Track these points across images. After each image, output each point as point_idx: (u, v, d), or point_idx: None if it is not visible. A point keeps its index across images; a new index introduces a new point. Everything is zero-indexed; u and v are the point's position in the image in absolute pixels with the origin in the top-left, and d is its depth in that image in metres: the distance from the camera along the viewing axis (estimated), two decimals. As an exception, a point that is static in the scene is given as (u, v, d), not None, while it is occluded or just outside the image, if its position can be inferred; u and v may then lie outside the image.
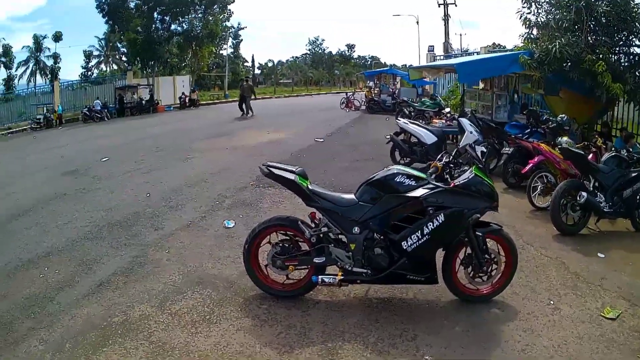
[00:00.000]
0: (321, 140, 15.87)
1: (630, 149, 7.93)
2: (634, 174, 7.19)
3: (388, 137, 11.44)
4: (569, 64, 10.13)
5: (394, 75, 32.16)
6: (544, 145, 8.30)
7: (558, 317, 4.59)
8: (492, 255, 4.73)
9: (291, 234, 4.84)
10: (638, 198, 7.19)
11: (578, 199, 6.82)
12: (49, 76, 53.33)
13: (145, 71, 36.64)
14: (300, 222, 4.74)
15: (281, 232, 4.88)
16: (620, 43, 10.64)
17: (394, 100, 26.22)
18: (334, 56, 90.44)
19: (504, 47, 18.99)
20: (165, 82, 35.41)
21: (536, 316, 4.61)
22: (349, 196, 4.69)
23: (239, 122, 22.41)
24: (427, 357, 3.93)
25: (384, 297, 4.93)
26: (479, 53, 19.95)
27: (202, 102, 36.65)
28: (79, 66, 60.48)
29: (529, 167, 8.21)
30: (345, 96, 29.85)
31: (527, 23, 11.28)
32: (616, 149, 8.02)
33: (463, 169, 4.83)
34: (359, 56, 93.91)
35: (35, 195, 9.28)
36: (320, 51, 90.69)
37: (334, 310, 4.68)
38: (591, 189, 7.09)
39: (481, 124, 10.63)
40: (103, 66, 59.91)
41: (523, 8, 11.22)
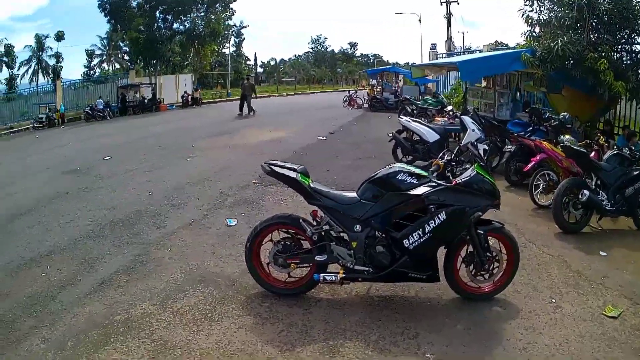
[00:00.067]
0: (324, 138, 15.84)
1: (633, 147, 7.92)
2: (636, 172, 7.17)
3: (390, 135, 11.44)
4: (571, 61, 10.13)
5: (397, 73, 32.00)
6: (546, 143, 8.29)
7: (560, 316, 4.59)
8: (494, 254, 4.74)
9: (293, 232, 4.84)
10: None
11: (580, 197, 6.81)
12: (51, 75, 53.28)
13: (147, 70, 36.65)
14: (302, 220, 4.75)
15: (283, 230, 4.88)
16: (623, 41, 10.64)
17: (397, 98, 26.12)
18: (336, 54, 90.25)
19: (506, 45, 18.93)
20: (168, 81, 35.36)
21: (538, 314, 4.61)
22: (351, 194, 4.69)
23: (241, 121, 22.37)
24: (429, 355, 3.93)
25: (386, 295, 4.93)
26: (482, 51, 19.95)
27: (205, 101, 36.65)
28: (81, 65, 60.52)
29: (531, 165, 8.19)
30: (348, 94, 29.72)
31: (530, 21, 11.29)
32: (618, 147, 7.99)
33: (465, 166, 4.82)
34: (361, 54, 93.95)
35: (37, 194, 9.28)
36: (323, 49, 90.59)
37: (335, 308, 4.68)
38: (593, 187, 7.08)
39: (483, 122, 10.62)
40: (105, 65, 59.99)
41: (525, 6, 11.27)
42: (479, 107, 13.96)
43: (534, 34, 11.40)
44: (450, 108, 15.43)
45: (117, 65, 57.23)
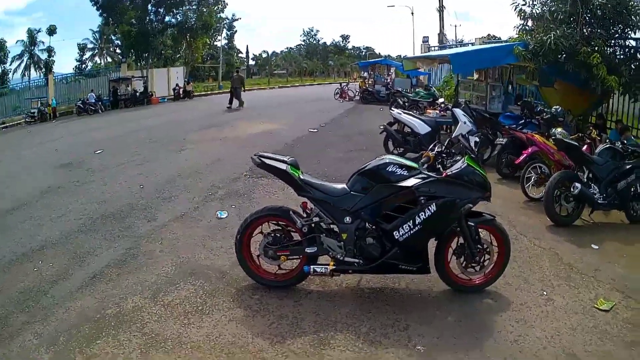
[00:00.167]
0: (315, 130, 15.85)
1: (625, 141, 7.93)
2: (628, 166, 7.20)
3: (381, 128, 11.44)
4: (564, 55, 10.11)
5: (388, 65, 32.05)
6: (537, 136, 8.29)
7: (551, 308, 4.60)
8: (485, 246, 4.73)
9: (283, 224, 4.83)
10: (632, 190, 7.20)
11: (572, 190, 6.81)
12: (43, 70, 52.94)
13: (139, 63, 36.42)
14: (291, 212, 4.73)
15: (273, 222, 4.87)
16: (616, 36, 10.63)
17: (388, 90, 26.15)
18: (328, 47, 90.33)
19: (499, 39, 18.92)
20: (160, 74, 35.14)
21: (529, 307, 4.62)
22: (341, 186, 4.68)
23: (232, 114, 22.30)
24: (419, 347, 3.93)
25: (376, 287, 4.93)
26: (474, 44, 19.92)
27: (196, 94, 36.46)
28: (73, 59, 60.11)
29: (522, 158, 8.19)
30: (339, 87, 29.66)
31: (522, 15, 11.27)
32: (611, 140, 8.01)
33: (455, 158, 4.81)
34: (353, 47, 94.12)
35: (29, 189, 9.22)
36: (315, 42, 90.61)
37: (326, 300, 4.68)
38: (585, 180, 7.09)
39: (475, 114, 10.63)
40: (97, 59, 59.64)
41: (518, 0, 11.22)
42: (470, 100, 13.97)
43: (527, 28, 11.39)
44: (441, 100, 15.45)
45: (109, 59, 56.84)
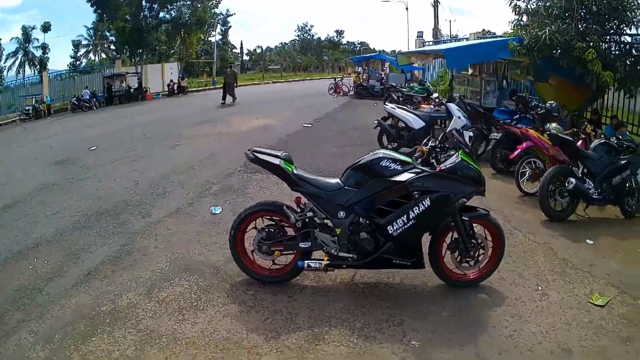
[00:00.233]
0: (309, 125, 15.89)
1: (620, 137, 7.93)
2: (623, 162, 7.19)
3: (376, 122, 11.44)
4: (559, 51, 10.12)
5: (383, 60, 32.01)
6: (532, 131, 8.30)
7: (546, 303, 4.60)
8: (479, 240, 4.72)
9: (277, 219, 4.82)
10: (627, 185, 7.22)
11: (566, 185, 6.82)
12: (37, 67, 52.70)
13: (133, 59, 36.28)
14: (285, 207, 4.71)
15: (267, 218, 4.86)
16: (611, 32, 10.62)
17: (382, 85, 26.15)
18: (322, 42, 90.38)
19: (494, 34, 18.93)
20: (154, 70, 35.08)
21: (524, 302, 4.62)
22: (334, 181, 4.66)
23: (226, 109, 22.27)
24: (414, 342, 3.93)
25: (371, 282, 4.93)
26: (469, 39, 19.89)
27: (191, 89, 36.42)
28: (67, 56, 59.92)
29: (517, 153, 8.21)
30: (334, 82, 29.67)
31: (517, 10, 11.28)
32: (606, 136, 8.01)
33: (449, 153, 4.79)
34: (347, 42, 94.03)
35: (24, 186, 9.18)
36: (309, 37, 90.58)
37: (320, 295, 4.67)
38: (580, 175, 7.09)
39: (469, 109, 10.59)
40: (92, 55, 59.40)
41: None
42: (465, 95, 13.98)
43: (522, 23, 11.40)
44: (436, 95, 15.49)
45: (104, 55, 56.72)
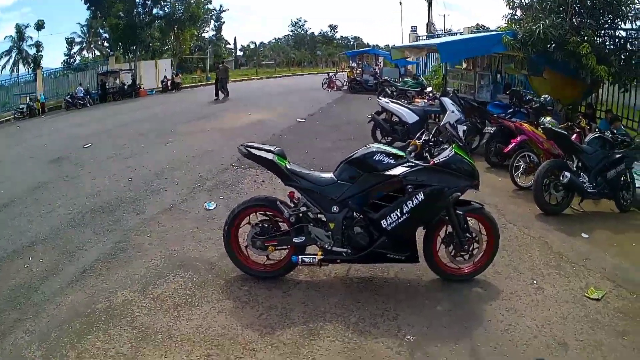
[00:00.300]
0: (303, 120, 15.89)
1: (615, 131, 7.93)
2: (618, 156, 7.17)
3: (369, 117, 11.43)
4: (553, 45, 10.11)
5: (376, 55, 31.98)
6: (526, 124, 8.29)
7: (541, 297, 4.60)
8: (474, 234, 4.72)
9: (270, 214, 4.80)
10: (622, 179, 7.21)
11: (561, 178, 6.80)
12: (31, 65, 52.42)
13: (127, 56, 36.16)
14: (279, 202, 4.70)
15: (260, 213, 4.84)
16: (606, 26, 10.61)
17: (376, 80, 26.16)
18: (316, 37, 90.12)
19: (487, 28, 18.93)
20: (148, 66, 34.96)
21: (519, 296, 4.61)
22: (328, 175, 4.65)
23: (220, 105, 22.21)
24: (409, 337, 3.92)
25: (365, 277, 4.92)
26: (462, 34, 19.89)
27: (185, 85, 36.22)
28: (61, 54, 59.66)
29: (511, 147, 8.20)
30: (327, 76, 29.63)
31: (511, 4, 11.28)
32: (600, 130, 8.02)
33: (443, 147, 4.78)
34: (341, 37, 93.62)
35: (19, 185, 9.15)
36: (303, 32, 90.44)
37: (314, 290, 4.67)
38: (574, 169, 7.08)
39: (463, 103, 10.56)
40: (85, 53, 58.97)
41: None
42: (459, 89, 14.02)
43: (516, 17, 11.39)
44: (429, 90, 15.51)
45: (97, 52, 56.38)
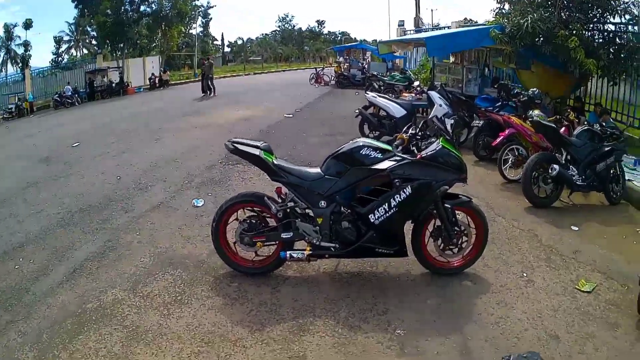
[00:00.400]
0: (290, 116, 15.92)
1: (604, 124, 7.95)
2: (607, 148, 7.17)
3: (357, 111, 11.44)
4: (541, 39, 10.12)
5: (364, 50, 32.12)
6: (515, 118, 8.29)
7: (532, 290, 4.61)
8: (462, 228, 4.72)
9: (258, 209, 4.79)
10: (612, 172, 7.22)
11: (550, 171, 6.81)
12: (20, 64, 52.13)
13: (115, 54, 35.96)
14: (266, 198, 4.67)
15: (248, 209, 4.82)
16: (595, 20, 10.63)
17: (364, 74, 26.26)
18: (303, 32, 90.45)
19: (475, 22, 18.92)
20: (135, 64, 34.66)
21: (509, 289, 4.62)
22: (315, 170, 4.64)
23: (207, 101, 22.18)
24: (399, 331, 3.92)
25: (354, 272, 4.92)
26: (450, 28, 19.91)
27: (173, 82, 36.04)
28: (49, 52, 59.32)
29: (499, 140, 8.23)
30: (315, 71, 29.73)
31: (499, -2, 11.29)
32: (589, 122, 8.03)
33: (430, 140, 4.78)
34: (329, 32, 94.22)
35: (9, 186, 9.06)
36: (290, 28, 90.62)
37: (303, 285, 4.67)
38: (563, 162, 7.09)
39: (451, 97, 10.60)
40: (73, 51, 58.72)
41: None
42: (446, 83, 14.03)
43: (504, 11, 11.40)
44: (417, 84, 15.49)
45: (85, 51, 56.09)
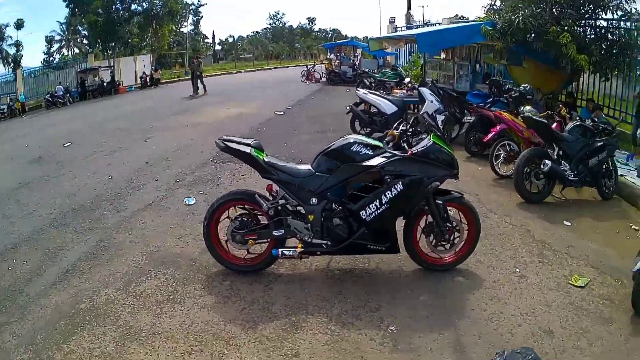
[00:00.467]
0: (281, 113, 15.94)
1: (596, 119, 7.97)
2: (599, 144, 7.17)
3: (348, 108, 11.45)
4: (533, 35, 10.13)
5: (355, 47, 32.19)
6: (506, 114, 8.29)
7: (525, 285, 4.60)
8: (454, 223, 4.72)
9: (249, 207, 4.77)
10: (604, 167, 7.23)
11: (542, 167, 6.81)
12: (11, 65, 51.83)
13: (106, 53, 35.79)
14: (257, 196, 4.67)
15: (239, 207, 4.81)
16: (587, 16, 10.64)
17: (355, 71, 26.31)
18: (294, 30, 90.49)
19: (467, 19, 18.97)
20: (127, 63, 34.52)
21: (502, 284, 4.62)
22: (306, 167, 4.63)
23: (199, 99, 22.19)
24: (392, 328, 3.92)
25: (346, 268, 4.92)
26: (441, 24, 19.94)
27: (164, 81, 35.99)
28: (41, 52, 59.00)
29: (491, 136, 8.22)
30: (306, 69, 29.75)
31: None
32: (581, 118, 8.05)
33: (421, 137, 4.79)
34: (320, 29, 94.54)
35: (1, 187, 9.02)
36: (281, 25, 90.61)
37: (296, 283, 4.66)
38: (555, 157, 7.09)
39: (442, 93, 10.60)
40: (65, 51, 58.35)
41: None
42: (438, 79, 14.07)
43: (495, 7, 11.41)
44: (408, 80, 15.55)
45: (77, 50, 55.80)
